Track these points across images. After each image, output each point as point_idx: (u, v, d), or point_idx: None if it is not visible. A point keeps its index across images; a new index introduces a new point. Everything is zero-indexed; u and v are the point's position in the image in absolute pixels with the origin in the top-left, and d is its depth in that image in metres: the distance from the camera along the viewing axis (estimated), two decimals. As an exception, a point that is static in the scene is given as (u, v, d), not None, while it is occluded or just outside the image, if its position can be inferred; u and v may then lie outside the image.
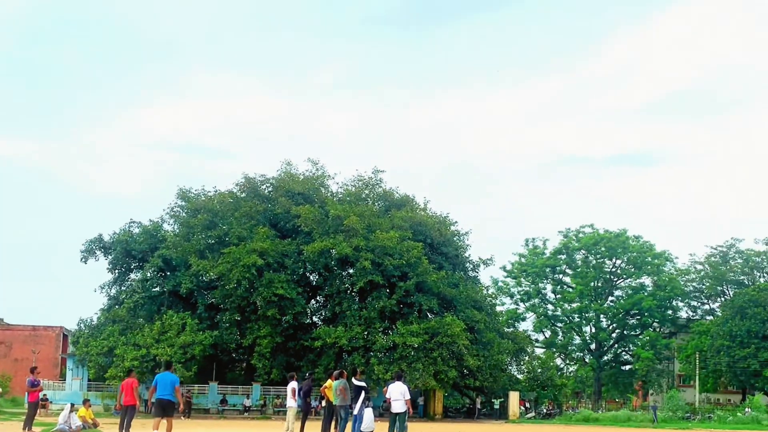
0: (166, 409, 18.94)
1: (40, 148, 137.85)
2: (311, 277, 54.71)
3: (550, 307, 73.53)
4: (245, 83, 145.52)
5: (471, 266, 60.01)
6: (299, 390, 24.49)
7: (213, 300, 52.06)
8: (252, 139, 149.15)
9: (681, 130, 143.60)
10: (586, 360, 73.13)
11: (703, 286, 72.37)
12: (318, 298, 55.74)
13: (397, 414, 20.87)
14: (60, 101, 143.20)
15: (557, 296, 73.28)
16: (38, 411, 40.47)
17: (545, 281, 73.55)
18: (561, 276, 73.70)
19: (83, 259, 54.10)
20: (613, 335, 72.81)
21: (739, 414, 51.21)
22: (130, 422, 21.85)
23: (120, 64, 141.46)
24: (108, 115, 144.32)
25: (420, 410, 50.88)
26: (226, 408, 49.75)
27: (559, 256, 72.90)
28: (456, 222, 58.61)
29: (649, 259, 70.91)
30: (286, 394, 26.11)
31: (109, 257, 54.04)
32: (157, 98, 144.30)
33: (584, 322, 72.37)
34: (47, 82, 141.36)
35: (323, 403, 24.85)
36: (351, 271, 52.01)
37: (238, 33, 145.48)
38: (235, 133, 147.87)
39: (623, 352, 74.19)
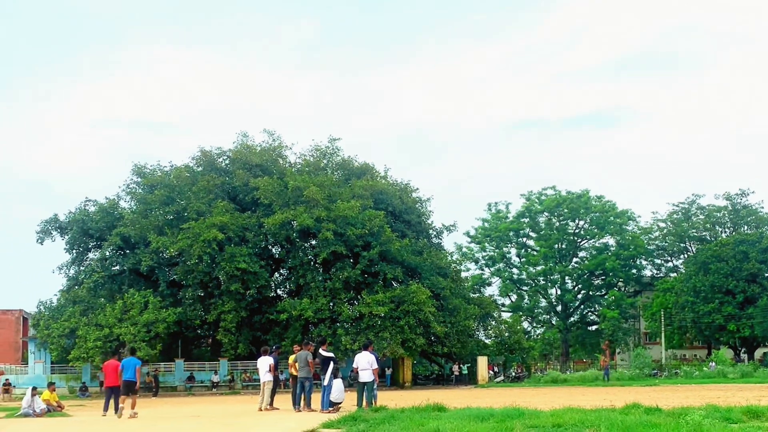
0: (130, 389, 21.46)
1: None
2: (273, 250, 54.11)
3: (515, 270, 73.75)
4: (196, 55, 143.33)
5: (434, 233, 59.86)
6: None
7: (175, 276, 51.28)
8: (206, 111, 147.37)
9: (640, 89, 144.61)
10: (553, 322, 73.61)
11: (666, 244, 73.09)
12: (281, 271, 55.26)
13: (365, 383, 20.58)
14: (4, 81, 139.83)
15: (522, 260, 73.46)
16: (2, 396, 40.06)
17: (509, 245, 73.66)
18: (525, 239, 73.85)
19: (39, 240, 53.02)
20: (579, 296, 73.30)
21: (704, 369, 51.92)
22: (117, 403, 22.21)
23: (66, 39, 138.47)
24: (56, 93, 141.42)
25: (388, 379, 50.82)
26: (193, 385, 49.32)
27: (522, 220, 72.97)
28: (417, 189, 58.38)
29: (612, 218, 71.26)
30: (255, 369, 25.48)
31: (66, 237, 52.97)
32: (107, 74, 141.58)
33: (550, 284, 72.74)
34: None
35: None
36: (313, 242, 51.57)
37: (187, 4, 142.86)
38: (189, 106, 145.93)
39: (589, 313, 74.81)
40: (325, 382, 20.93)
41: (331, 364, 21.20)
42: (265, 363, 23.23)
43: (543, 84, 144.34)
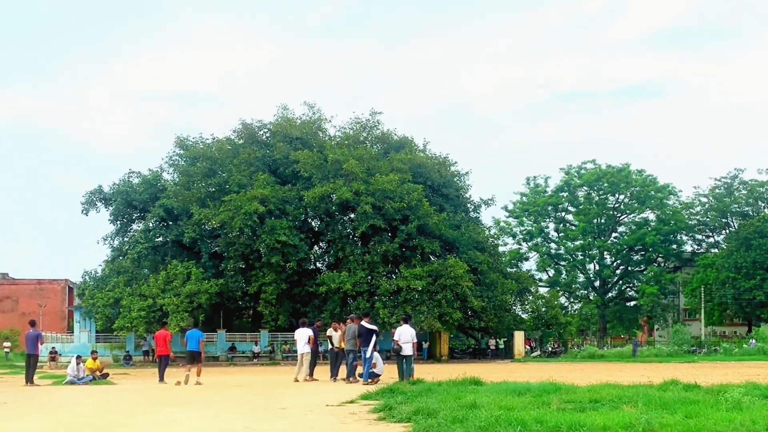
0: (195, 358, 23.17)
1: (34, 103, 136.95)
2: (313, 223, 54.59)
3: (553, 245, 73.49)
4: (236, 28, 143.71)
5: (472, 207, 59.89)
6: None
7: (217, 248, 52.05)
8: (247, 84, 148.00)
9: (684, 61, 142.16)
10: (591, 297, 73.31)
11: (708, 219, 72.02)
12: (321, 244, 55.71)
13: (405, 357, 20.79)
14: (52, 55, 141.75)
15: (560, 234, 73.16)
16: (48, 364, 41.13)
17: (547, 220, 73.36)
18: (563, 214, 73.47)
19: (84, 211, 54.12)
20: (618, 272, 72.88)
21: (744, 346, 51.46)
22: (163, 371, 23.96)
23: (109, 14, 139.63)
24: (100, 67, 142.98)
25: (425, 352, 51.20)
26: (234, 355, 50.11)
27: (561, 194, 72.54)
28: (456, 162, 58.43)
29: (653, 193, 70.45)
30: (295, 340, 26.00)
31: (110, 208, 53.94)
32: (150, 47, 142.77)
33: (588, 259, 72.38)
34: (38, 37, 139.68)
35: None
36: (352, 215, 51.95)
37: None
38: (230, 78, 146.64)
39: (628, 288, 74.36)
40: (368, 354, 21.20)
41: (374, 337, 21.48)
42: (303, 334, 23.66)
43: (585, 56, 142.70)
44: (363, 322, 21.83)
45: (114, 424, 10.96)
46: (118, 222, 54.50)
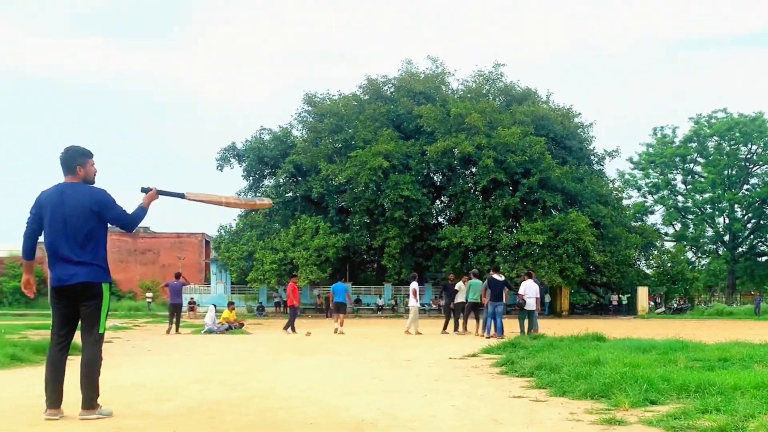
0: (340, 309, 25.65)
1: (168, 61, 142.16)
2: (435, 178, 55.04)
3: (680, 198, 71.61)
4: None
5: (596, 159, 58.93)
6: (444, 288, 25.69)
7: (343, 203, 53.28)
8: (371, 39, 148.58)
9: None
10: (719, 252, 71.15)
11: None
12: (442, 199, 56.13)
13: (529, 311, 21.26)
14: (182, 13, 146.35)
15: (688, 187, 71.14)
16: (187, 314, 43.65)
17: (675, 172, 71.43)
18: (692, 165, 71.32)
19: (219, 167, 56.37)
20: (749, 226, 70.34)
21: None
22: (291, 320, 25.67)
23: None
24: (233, 26, 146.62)
25: (546, 307, 51.32)
26: (360, 307, 51.70)
27: (689, 145, 70.35)
28: (579, 113, 57.45)
29: (788, 143, 67.41)
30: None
31: (243, 165, 56.01)
32: (277, 6, 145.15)
33: (717, 213, 70.17)
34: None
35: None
36: (474, 170, 52.10)
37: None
38: (356, 34, 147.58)
39: (759, 243, 71.69)
40: (501, 309, 21.57)
41: (505, 289, 21.97)
42: (411, 288, 24.62)
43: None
44: (494, 275, 22.27)
45: (250, 369, 11.61)
46: (251, 178, 56.59)
